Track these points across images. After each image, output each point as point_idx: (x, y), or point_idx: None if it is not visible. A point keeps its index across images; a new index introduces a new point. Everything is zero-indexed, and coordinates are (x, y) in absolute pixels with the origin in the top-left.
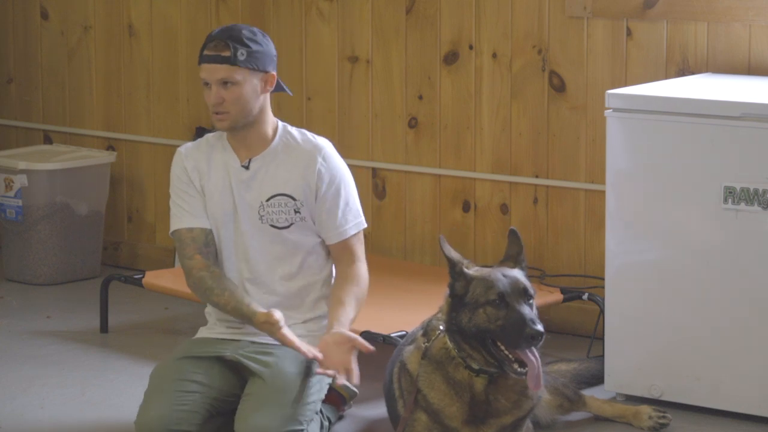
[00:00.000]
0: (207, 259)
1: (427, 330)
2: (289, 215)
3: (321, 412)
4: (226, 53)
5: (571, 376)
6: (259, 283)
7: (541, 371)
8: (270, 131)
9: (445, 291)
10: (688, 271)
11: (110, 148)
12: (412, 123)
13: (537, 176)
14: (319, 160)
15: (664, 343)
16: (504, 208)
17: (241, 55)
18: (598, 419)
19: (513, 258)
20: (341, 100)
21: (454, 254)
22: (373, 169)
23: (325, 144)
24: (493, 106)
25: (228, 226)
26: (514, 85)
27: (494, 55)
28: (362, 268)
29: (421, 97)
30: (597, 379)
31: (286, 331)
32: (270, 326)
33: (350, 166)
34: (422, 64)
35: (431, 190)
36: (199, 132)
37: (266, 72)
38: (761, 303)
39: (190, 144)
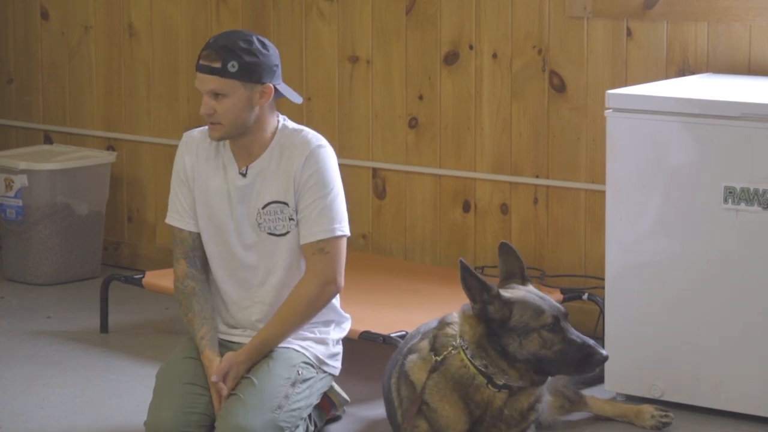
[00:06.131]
0: (191, 265)
1: (435, 345)
2: (285, 222)
3: (309, 416)
4: (216, 64)
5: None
6: (255, 292)
7: None
8: (269, 135)
9: (464, 309)
10: (688, 271)
11: (110, 148)
12: (413, 123)
13: (537, 176)
14: (304, 159)
15: (665, 343)
16: (504, 209)
17: (232, 67)
18: (599, 419)
19: (518, 275)
20: (341, 101)
21: (484, 279)
22: (374, 169)
23: (316, 144)
24: (494, 106)
25: (223, 231)
26: (514, 86)
27: (494, 56)
28: (310, 286)
29: (421, 98)
30: (595, 379)
31: (215, 381)
32: (206, 371)
33: (350, 166)
34: (422, 65)
35: (431, 191)
36: None
37: (262, 83)
38: (761, 303)
39: (196, 132)
